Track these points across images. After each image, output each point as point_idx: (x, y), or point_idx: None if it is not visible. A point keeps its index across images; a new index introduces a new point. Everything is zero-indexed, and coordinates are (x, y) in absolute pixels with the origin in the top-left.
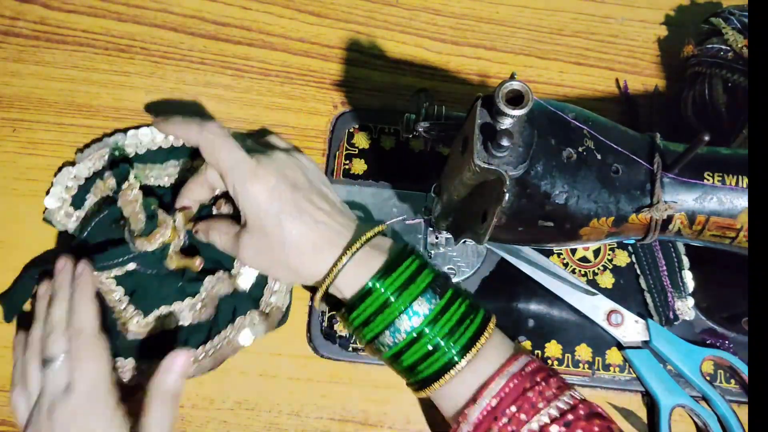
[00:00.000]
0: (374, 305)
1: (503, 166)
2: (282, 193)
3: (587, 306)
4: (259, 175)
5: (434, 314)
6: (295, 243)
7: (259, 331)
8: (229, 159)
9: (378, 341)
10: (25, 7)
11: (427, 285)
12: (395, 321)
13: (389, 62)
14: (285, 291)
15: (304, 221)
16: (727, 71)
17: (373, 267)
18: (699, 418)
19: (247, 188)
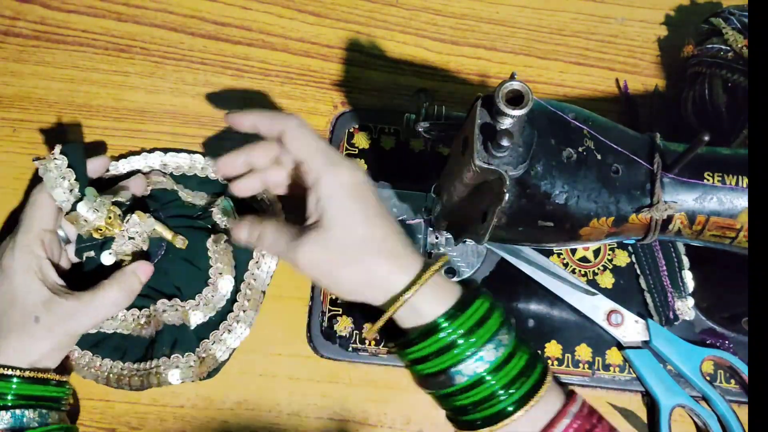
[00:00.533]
0: (437, 345)
1: (503, 166)
2: (369, 189)
3: (587, 306)
4: (347, 165)
5: (499, 362)
6: (376, 246)
7: (189, 375)
8: (318, 144)
9: (432, 380)
10: (25, 7)
11: (496, 330)
12: (458, 364)
13: (389, 62)
14: (228, 348)
15: (386, 226)
16: (727, 71)
17: (447, 300)
18: (699, 418)
19: (335, 174)
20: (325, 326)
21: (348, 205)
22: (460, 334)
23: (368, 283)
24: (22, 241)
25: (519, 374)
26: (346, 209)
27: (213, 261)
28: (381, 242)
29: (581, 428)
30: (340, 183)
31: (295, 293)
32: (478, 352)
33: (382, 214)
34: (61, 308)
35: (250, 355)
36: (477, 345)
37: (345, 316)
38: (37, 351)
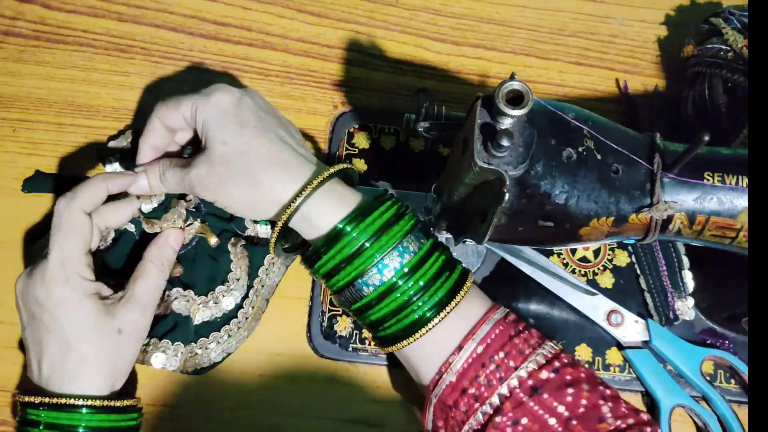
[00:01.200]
0: (345, 251)
1: (503, 166)
2: (245, 105)
3: (587, 306)
4: (221, 89)
5: (410, 265)
6: (257, 155)
7: (173, 365)
8: (188, 96)
9: (347, 291)
10: (25, 7)
11: (405, 233)
12: (367, 270)
13: (389, 62)
14: (223, 351)
15: (269, 138)
16: (727, 71)
17: (346, 207)
18: (699, 418)
19: (209, 99)
20: (325, 326)
21: (224, 122)
22: (368, 237)
23: (255, 195)
24: (68, 269)
25: (434, 277)
26: (223, 126)
27: (234, 265)
28: (264, 152)
29: (503, 334)
30: (213, 104)
31: (295, 293)
32: (383, 260)
33: (263, 126)
34: (128, 315)
35: (250, 355)
36: (387, 248)
37: (345, 316)
38: (120, 367)
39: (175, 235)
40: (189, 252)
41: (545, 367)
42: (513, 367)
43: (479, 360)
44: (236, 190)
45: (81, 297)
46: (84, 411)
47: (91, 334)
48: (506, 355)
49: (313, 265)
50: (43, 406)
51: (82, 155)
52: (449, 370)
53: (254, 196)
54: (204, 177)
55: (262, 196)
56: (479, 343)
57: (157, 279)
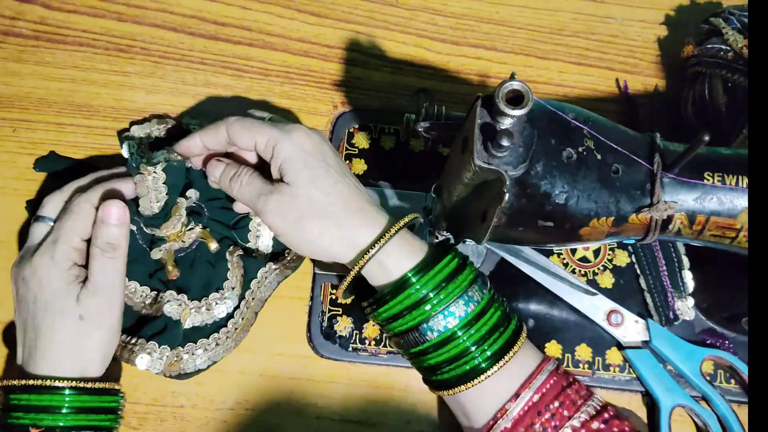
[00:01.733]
0: (408, 301)
1: (503, 166)
2: (326, 149)
3: (587, 306)
4: (302, 129)
5: (470, 318)
6: (341, 200)
7: (157, 367)
8: (264, 127)
9: (408, 335)
10: (25, 7)
11: (467, 286)
12: (429, 320)
13: (389, 62)
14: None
15: (349, 184)
16: (727, 71)
17: (415, 256)
18: (699, 418)
19: (291, 137)
20: (325, 326)
21: (309, 162)
22: (431, 289)
23: (335, 238)
24: (58, 250)
25: (491, 330)
26: (308, 167)
27: (230, 273)
28: (346, 197)
29: (557, 384)
30: (296, 144)
31: (295, 293)
32: (449, 308)
33: (345, 171)
34: (87, 300)
35: (250, 355)
36: (448, 300)
37: (345, 316)
38: (86, 353)
39: (110, 208)
40: (188, 255)
41: (596, 418)
42: (567, 417)
43: (535, 408)
44: (315, 229)
45: (58, 280)
46: (66, 392)
47: (55, 319)
48: (560, 405)
49: (376, 310)
50: (19, 390)
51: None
52: (505, 416)
53: (333, 238)
54: (283, 208)
55: (342, 239)
56: (535, 391)
57: (103, 261)
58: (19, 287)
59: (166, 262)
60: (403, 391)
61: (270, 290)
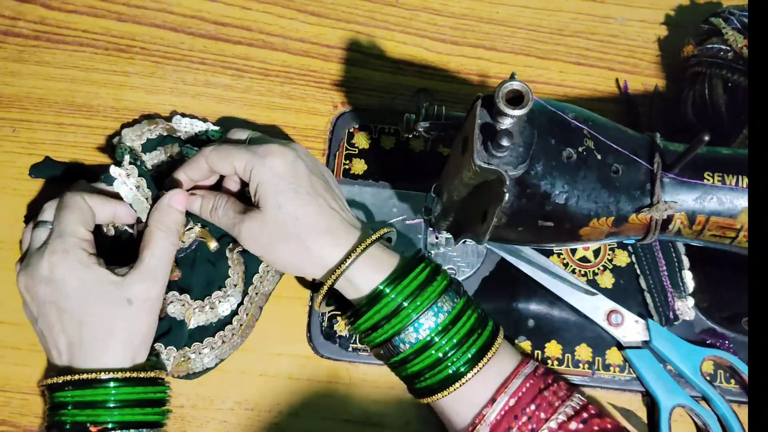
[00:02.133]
0: (384, 311)
1: (503, 166)
2: (299, 170)
3: (587, 306)
4: (275, 151)
5: (445, 324)
6: (309, 222)
7: (162, 368)
8: (240, 152)
9: (384, 347)
10: (25, 7)
11: (439, 293)
12: (405, 328)
13: (389, 62)
14: (217, 357)
15: (319, 204)
16: (727, 71)
17: (385, 270)
18: (699, 418)
19: (264, 161)
20: (325, 326)
21: (279, 187)
22: (405, 297)
23: (304, 259)
24: (68, 242)
25: (468, 333)
26: (277, 191)
27: (231, 271)
28: (315, 218)
29: (534, 387)
30: (269, 168)
31: (295, 293)
32: (424, 315)
33: (317, 190)
34: (138, 284)
35: (250, 355)
36: (423, 307)
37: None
38: (138, 338)
39: (177, 195)
40: (188, 256)
41: (574, 419)
42: (544, 419)
43: (512, 412)
44: (285, 251)
45: (83, 268)
46: (111, 384)
47: (100, 306)
48: (537, 408)
49: (355, 322)
50: (68, 386)
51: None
52: (483, 421)
53: (302, 258)
54: (255, 233)
55: (310, 260)
56: (511, 396)
57: (165, 245)
58: (38, 289)
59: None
60: (403, 391)
61: (273, 284)
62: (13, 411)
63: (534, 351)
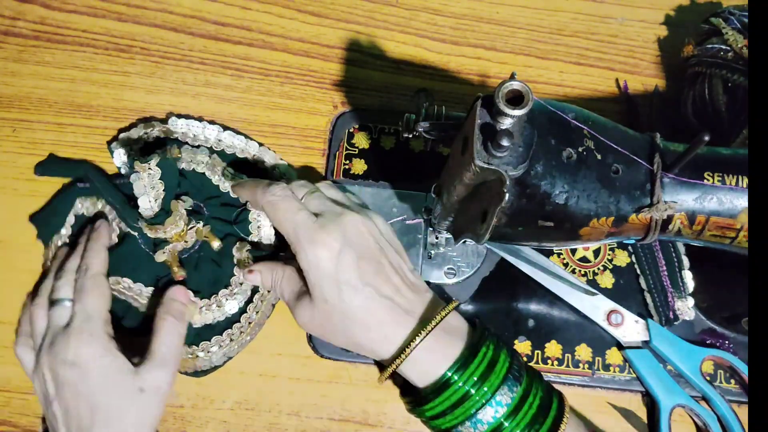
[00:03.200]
0: (453, 398)
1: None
2: (345, 261)
3: (587, 306)
4: (321, 240)
5: (515, 405)
6: (357, 317)
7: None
8: (292, 221)
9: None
10: (25, 7)
11: (506, 373)
12: (476, 414)
13: (389, 62)
14: (224, 355)
15: (367, 295)
16: (727, 71)
17: (450, 354)
18: (699, 418)
19: (308, 253)
20: None
21: (323, 281)
22: (473, 384)
23: (361, 349)
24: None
25: (538, 411)
26: (323, 284)
27: (237, 269)
28: (362, 315)
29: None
30: (313, 259)
31: None
32: (493, 398)
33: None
34: (150, 374)
35: (250, 355)
36: (491, 391)
37: None
38: (147, 426)
39: (179, 291)
40: (192, 256)
41: None
42: None
43: None
44: (339, 341)
45: (107, 355)
46: None
47: (115, 394)
48: None
49: (419, 407)
50: None
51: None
52: None
53: (357, 349)
54: (307, 320)
55: (364, 351)
56: None
57: (173, 333)
58: (62, 372)
59: (170, 264)
60: None
61: None
62: (13, 411)
63: (534, 351)
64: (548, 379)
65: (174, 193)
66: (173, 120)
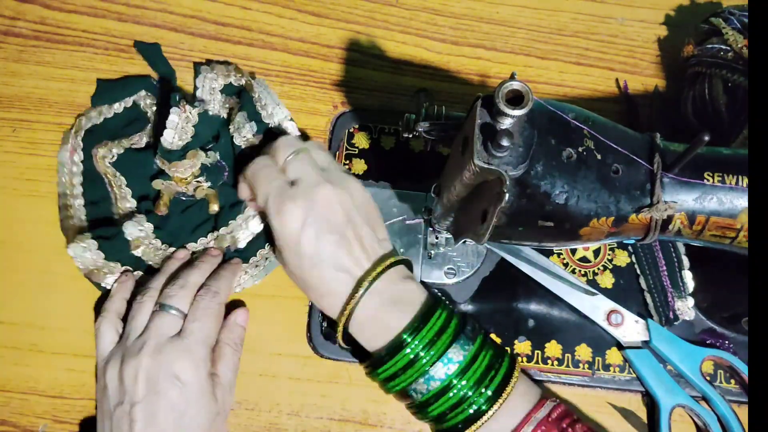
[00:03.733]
0: (404, 360)
1: (503, 166)
2: (307, 233)
3: (587, 306)
4: (287, 211)
5: (464, 365)
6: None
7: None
8: (265, 191)
9: (404, 393)
10: (25, 7)
11: (455, 336)
12: (424, 374)
13: (389, 62)
14: (252, 233)
15: (324, 266)
16: (727, 71)
17: (401, 318)
18: (699, 418)
19: (274, 222)
20: (325, 326)
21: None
22: (424, 345)
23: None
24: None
25: (485, 371)
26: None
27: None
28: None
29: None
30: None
31: (295, 293)
32: (445, 355)
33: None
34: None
35: (250, 355)
36: (438, 353)
37: None
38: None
39: (243, 314)
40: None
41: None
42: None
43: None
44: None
45: (207, 379)
46: None
47: (202, 416)
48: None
49: (375, 370)
50: None
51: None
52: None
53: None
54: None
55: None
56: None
57: (234, 359)
58: (161, 380)
59: (162, 195)
60: None
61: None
62: (13, 411)
63: (534, 351)
64: (548, 379)
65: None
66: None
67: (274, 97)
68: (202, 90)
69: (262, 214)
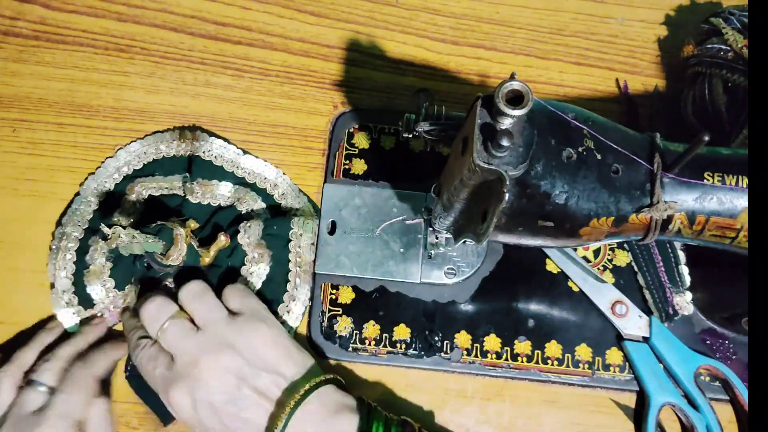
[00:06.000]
0: None
1: (503, 166)
2: (200, 410)
3: (594, 292)
4: (173, 397)
5: None
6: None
7: None
8: (149, 378)
9: None
10: (25, 7)
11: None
12: None
13: (389, 62)
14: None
15: (225, 424)
16: (727, 71)
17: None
18: (687, 419)
19: (168, 402)
20: (325, 326)
21: (187, 422)
22: None
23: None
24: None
25: None
26: (188, 423)
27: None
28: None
29: None
30: (175, 407)
31: None
32: None
33: (227, 408)
34: None
35: None
36: None
37: (345, 316)
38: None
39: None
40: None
41: None
42: None
43: None
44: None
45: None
46: None
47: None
48: None
49: None
50: None
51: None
52: None
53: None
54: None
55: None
56: None
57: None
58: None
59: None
60: (403, 391)
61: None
62: None
63: (534, 351)
64: (548, 379)
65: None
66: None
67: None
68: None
69: None
